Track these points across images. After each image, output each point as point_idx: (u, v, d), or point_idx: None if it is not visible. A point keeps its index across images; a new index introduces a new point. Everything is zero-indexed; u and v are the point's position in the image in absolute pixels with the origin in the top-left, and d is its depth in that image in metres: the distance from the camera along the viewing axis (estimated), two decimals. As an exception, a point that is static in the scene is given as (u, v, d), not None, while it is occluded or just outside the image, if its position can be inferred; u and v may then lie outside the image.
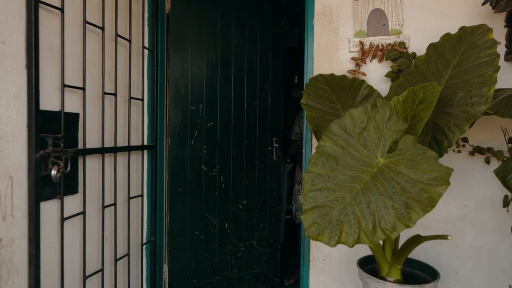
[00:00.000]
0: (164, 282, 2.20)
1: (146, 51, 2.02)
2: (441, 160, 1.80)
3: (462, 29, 1.56)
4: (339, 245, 1.93)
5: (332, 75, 1.80)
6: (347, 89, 1.74)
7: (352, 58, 1.88)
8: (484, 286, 1.80)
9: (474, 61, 1.46)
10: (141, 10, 1.99)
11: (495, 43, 1.43)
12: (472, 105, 1.38)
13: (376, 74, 1.87)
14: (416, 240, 1.39)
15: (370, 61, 1.88)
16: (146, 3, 2.02)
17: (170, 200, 2.16)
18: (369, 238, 0.98)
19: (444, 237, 1.26)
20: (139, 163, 1.99)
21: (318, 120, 1.65)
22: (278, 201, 2.51)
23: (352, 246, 0.98)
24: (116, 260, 1.73)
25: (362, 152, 1.14)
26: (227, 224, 2.33)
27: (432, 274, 1.58)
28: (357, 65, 1.87)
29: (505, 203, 1.63)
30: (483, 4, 1.68)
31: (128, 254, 1.84)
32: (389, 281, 1.50)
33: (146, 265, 2.07)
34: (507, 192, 1.72)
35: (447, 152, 1.81)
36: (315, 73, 1.94)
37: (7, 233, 1.18)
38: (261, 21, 2.40)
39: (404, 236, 1.65)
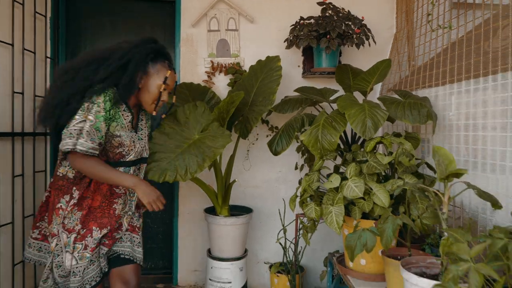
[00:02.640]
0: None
1: (48, 59, 2.59)
2: (262, 141, 2.72)
3: (267, 57, 2.48)
4: (198, 201, 2.73)
5: (191, 83, 2.60)
6: (200, 93, 2.56)
7: (206, 72, 2.71)
8: (290, 220, 2.76)
9: (269, 78, 2.37)
10: (44, 27, 2.55)
11: (280, 68, 2.36)
12: (264, 106, 2.28)
13: (222, 83, 2.72)
14: (229, 187, 2.26)
15: (218, 74, 2.72)
16: (48, 21, 2.59)
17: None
18: (182, 177, 1.79)
19: (234, 181, 2.15)
20: (43, 146, 2.56)
21: (177, 114, 2.43)
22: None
23: (172, 182, 1.77)
24: (24, 217, 2.30)
25: (186, 132, 1.95)
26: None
27: (250, 212, 2.48)
28: (209, 77, 2.70)
29: (296, 167, 2.60)
30: (284, 42, 2.63)
31: (33, 214, 2.41)
32: (219, 216, 2.35)
33: (49, 227, 2.64)
34: (300, 161, 2.70)
35: (267, 136, 2.74)
36: (182, 81, 2.72)
37: None
38: (148, 29, 3.05)
39: (239, 193, 2.52)
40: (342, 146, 2.21)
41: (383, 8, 2.75)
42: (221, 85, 2.72)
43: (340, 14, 2.35)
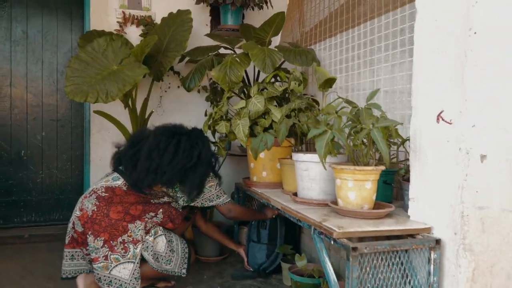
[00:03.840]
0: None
1: None
2: (174, 91, 2.93)
3: (178, 11, 2.70)
4: (110, 147, 2.80)
5: (102, 31, 2.67)
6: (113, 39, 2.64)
7: (118, 22, 2.80)
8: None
9: (181, 28, 2.60)
10: None
11: (191, 20, 2.60)
12: (177, 51, 2.51)
13: (134, 35, 2.84)
14: (146, 121, 2.44)
15: (130, 25, 2.84)
16: None
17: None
18: (104, 100, 1.93)
19: (151, 112, 2.34)
20: None
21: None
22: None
23: (94, 102, 1.90)
24: None
25: (105, 62, 2.07)
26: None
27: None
28: (121, 27, 2.80)
29: (206, 114, 2.88)
30: (194, -2, 2.88)
31: None
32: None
33: None
34: (209, 109, 3.00)
35: (178, 87, 2.95)
36: (92, 29, 2.76)
37: None
38: None
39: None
40: (245, 85, 2.57)
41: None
42: (134, 36, 2.83)
43: (244, -24, 2.71)
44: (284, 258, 2.12)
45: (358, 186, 1.38)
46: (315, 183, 1.63)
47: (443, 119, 1.26)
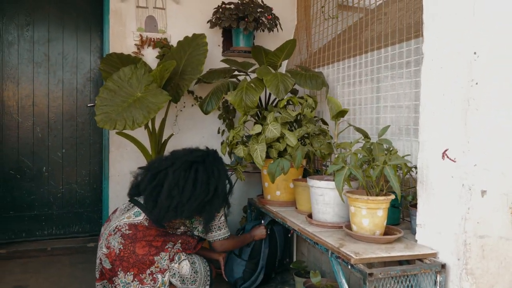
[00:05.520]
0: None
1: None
2: (188, 110, 3.08)
3: (194, 35, 2.84)
4: (128, 164, 2.95)
5: (122, 53, 2.81)
6: (130, 63, 2.78)
7: (135, 44, 2.94)
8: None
9: (197, 52, 2.74)
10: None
11: (206, 44, 2.74)
12: (194, 74, 2.65)
13: (151, 56, 2.98)
14: (162, 146, 2.59)
15: (147, 47, 2.98)
16: None
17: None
18: (131, 127, 2.07)
19: (171, 135, 2.49)
20: None
21: (111, 79, 2.63)
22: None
23: (122, 129, 2.04)
24: None
25: (129, 90, 2.21)
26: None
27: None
28: (138, 49, 2.94)
29: (219, 131, 3.03)
30: (207, 22, 3.02)
31: None
32: (154, 172, 2.64)
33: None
34: (222, 126, 3.14)
35: (192, 105, 3.10)
36: (111, 51, 2.89)
37: None
38: None
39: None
40: (259, 108, 2.72)
41: (286, 2, 3.35)
42: (150, 58, 2.98)
43: (254, 2, 2.86)
44: (297, 272, 2.27)
45: (371, 214, 1.54)
46: (330, 207, 1.79)
47: (448, 157, 1.41)
